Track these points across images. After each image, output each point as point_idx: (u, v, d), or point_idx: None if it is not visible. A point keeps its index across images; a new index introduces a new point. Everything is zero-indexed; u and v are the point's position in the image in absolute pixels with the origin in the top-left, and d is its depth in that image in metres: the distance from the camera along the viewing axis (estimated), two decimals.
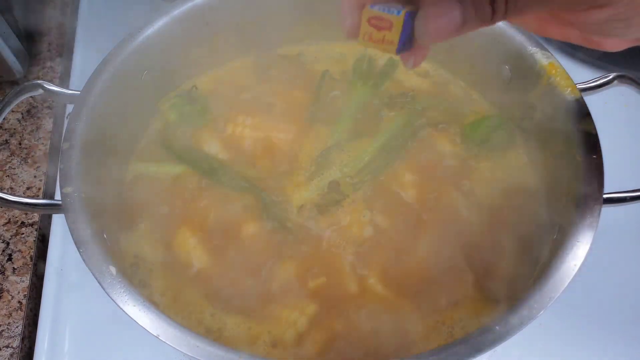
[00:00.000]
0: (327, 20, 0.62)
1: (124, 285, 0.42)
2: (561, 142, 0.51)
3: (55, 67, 0.78)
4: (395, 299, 0.49)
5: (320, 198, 0.54)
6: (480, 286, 0.49)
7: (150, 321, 0.40)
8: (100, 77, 0.53)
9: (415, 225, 0.52)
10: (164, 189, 0.55)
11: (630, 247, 0.61)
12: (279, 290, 0.49)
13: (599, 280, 0.58)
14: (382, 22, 0.31)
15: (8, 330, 0.57)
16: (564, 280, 0.41)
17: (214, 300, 0.49)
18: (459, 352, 0.38)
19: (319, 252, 0.51)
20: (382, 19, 0.31)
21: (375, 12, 0.31)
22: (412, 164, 0.56)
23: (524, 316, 0.39)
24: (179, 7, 0.57)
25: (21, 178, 0.67)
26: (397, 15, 0.31)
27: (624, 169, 0.63)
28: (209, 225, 0.52)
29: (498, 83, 0.58)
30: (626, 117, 0.71)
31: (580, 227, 0.43)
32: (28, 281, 0.60)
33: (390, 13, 0.31)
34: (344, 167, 0.55)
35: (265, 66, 0.64)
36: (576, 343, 0.56)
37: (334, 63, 0.64)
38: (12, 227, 0.63)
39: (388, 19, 0.31)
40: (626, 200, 0.46)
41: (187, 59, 0.61)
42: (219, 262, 0.51)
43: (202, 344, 0.39)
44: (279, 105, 0.60)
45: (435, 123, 0.59)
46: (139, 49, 0.55)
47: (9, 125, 0.71)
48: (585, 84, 0.52)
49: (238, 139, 0.58)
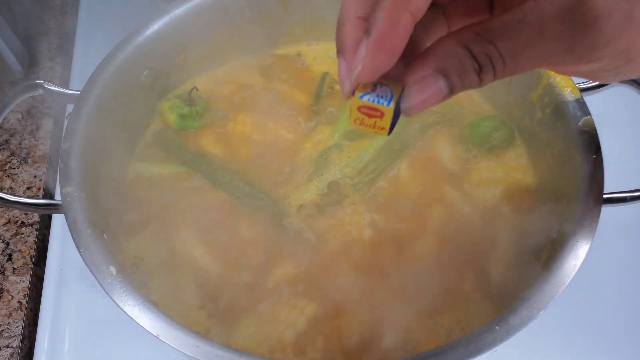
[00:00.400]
0: (327, 21, 0.63)
1: (124, 285, 0.42)
2: (561, 142, 0.51)
3: (55, 67, 0.78)
4: (395, 299, 0.49)
5: (320, 198, 0.54)
6: (479, 286, 0.49)
7: (150, 321, 0.40)
8: (100, 77, 0.53)
9: (415, 225, 0.52)
10: (164, 190, 0.55)
11: (630, 247, 0.61)
12: (279, 290, 0.49)
13: (599, 280, 0.58)
14: (372, 112, 0.31)
15: (8, 330, 0.57)
16: (564, 280, 0.41)
17: (214, 300, 0.49)
18: (458, 352, 0.38)
19: (319, 252, 0.51)
20: (373, 109, 0.31)
21: (365, 102, 0.31)
22: (412, 164, 0.56)
23: (524, 316, 0.39)
24: (179, 7, 0.57)
25: (21, 178, 0.67)
26: (388, 107, 0.31)
27: (624, 169, 0.63)
28: (209, 225, 0.52)
29: (498, 83, 0.58)
30: (626, 117, 0.71)
31: (580, 227, 0.43)
32: (28, 281, 0.60)
33: (381, 105, 0.31)
34: (344, 167, 0.55)
35: (265, 66, 0.64)
36: (576, 343, 0.56)
37: (333, 63, 0.64)
38: (12, 227, 0.63)
39: (379, 109, 0.31)
40: (626, 200, 0.46)
41: (186, 59, 0.61)
42: (219, 263, 0.51)
43: (202, 344, 0.39)
44: (278, 106, 0.60)
45: (435, 123, 0.59)
46: (139, 49, 0.55)
47: (9, 125, 0.71)
48: (585, 84, 0.52)
49: (237, 139, 0.58)
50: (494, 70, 0.29)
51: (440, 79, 0.29)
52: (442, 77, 0.29)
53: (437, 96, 0.30)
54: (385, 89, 0.31)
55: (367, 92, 0.31)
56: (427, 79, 0.29)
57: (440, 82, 0.29)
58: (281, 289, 0.49)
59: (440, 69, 0.29)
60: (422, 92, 0.30)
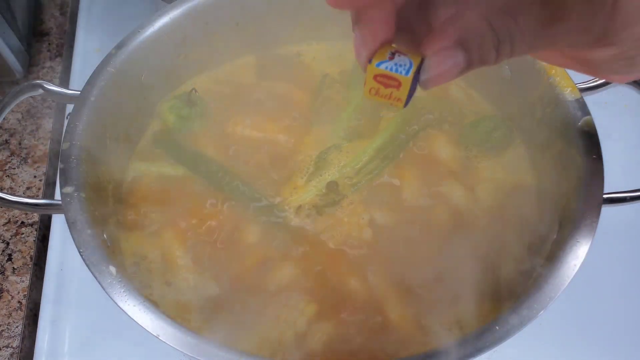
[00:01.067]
0: (327, 20, 0.63)
1: (124, 285, 0.42)
2: (561, 142, 0.51)
3: (55, 67, 0.78)
4: (394, 299, 0.49)
5: (318, 199, 0.54)
6: (479, 286, 0.49)
7: (150, 321, 0.40)
8: (100, 77, 0.52)
9: (415, 225, 0.52)
10: (164, 190, 0.55)
11: (630, 247, 0.61)
12: (278, 291, 0.49)
13: (599, 280, 0.58)
14: (389, 81, 0.30)
15: (8, 330, 0.57)
16: (564, 280, 0.41)
17: (214, 300, 0.49)
18: (458, 352, 0.38)
19: (318, 252, 0.51)
20: (390, 78, 0.30)
21: (382, 70, 0.30)
22: (411, 164, 0.56)
23: (524, 316, 0.39)
24: (179, 7, 0.57)
25: (21, 178, 0.67)
26: (407, 77, 0.29)
27: (624, 169, 0.63)
28: (208, 226, 0.52)
29: (498, 83, 0.58)
30: (626, 117, 0.71)
31: (580, 227, 0.43)
32: (28, 281, 0.60)
33: (399, 73, 0.30)
34: (343, 167, 0.55)
35: (265, 66, 0.64)
36: (576, 343, 0.56)
37: (333, 63, 0.64)
38: (12, 227, 0.63)
39: (397, 78, 0.30)
40: (626, 200, 0.46)
41: (186, 59, 0.61)
42: (218, 263, 0.51)
43: (202, 344, 0.39)
44: (277, 106, 0.60)
45: (435, 123, 0.59)
46: (139, 49, 0.55)
47: (9, 125, 0.71)
48: (585, 84, 0.52)
49: (237, 139, 0.58)
50: (511, 47, 0.29)
51: (459, 52, 0.29)
52: (462, 50, 0.29)
53: (454, 70, 0.29)
54: (403, 58, 0.30)
55: (385, 60, 0.30)
56: (447, 50, 0.29)
57: (459, 56, 0.29)
58: (281, 289, 0.49)
59: (461, 42, 0.29)
60: (441, 64, 0.29)
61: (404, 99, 0.30)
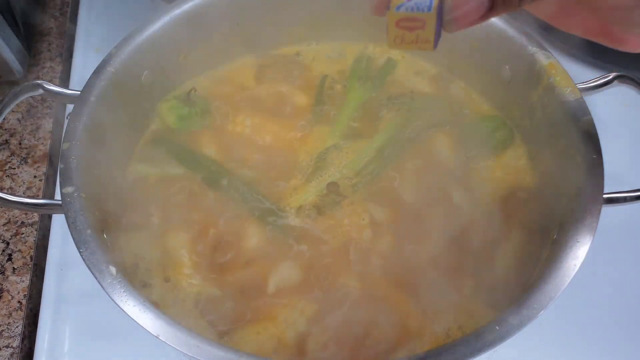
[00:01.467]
0: (327, 21, 0.63)
1: (124, 285, 0.42)
2: (561, 142, 0.51)
3: (55, 67, 0.78)
4: (394, 299, 0.49)
5: (319, 199, 0.54)
6: (479, 286, 0.49)
7: (150, 321, 0.40)
8: (100, 77, 0.52)
9: (415, 225, 0.52)
10: (164, 190, 0.55)
11: (630, 247, 0.61)
12: (278, 291, 0.49)
13: (599, 280, 0.58)
14: (413, 23, 0.28)
15: (8, 330, 0.57)
16: (564, 280, 0.41)
17: (214, 300, 0.49)
18: (458, 352, 0.38)
19: (318, 253, 0.51)
20: (413, 19, 0.28)
21: (403, 13, 0.28)
22: (411, 165, 0.56)
23: (524, 316, 0.39)
24: (179, 7, 0.57)
25: (21, 178, 0.67)
26: (429, 13, 0.28)
27: (624, 169, 0.63)
28: (208, 226, 0.52)
29: (498, 83, 0.58)
30: (626, 117, 0.71)
31: (580, 227, 0.43)
32: (28, 281, 0.60)
33: (421, 11, 0.28)
34: (343, 168, 0.55)
35: (265, 66, 0.64)
36: (576, 343, 0.55)
37: (332, 63, 0.64)
38: (12, 227, 0.63)
39: (419, 18, 0.28)
40: (626, 200, 0.46)
41: (186, 59, 0.61)
42: (218, 263, 0.51)
43: (202, 344, 0.39)
44: (277, 106, 0.60)
45: (435, 123, 0.59)
46: (139, 49, 0.55)
47: (9, 125, 0.71)
48: (585, 84, 0.52)
49: (236, 140, 0.58)
50: None
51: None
52: None
53: (478, 10, 0.28)
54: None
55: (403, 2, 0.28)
56: None
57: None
58: (281, 290, 0.49)
59: None
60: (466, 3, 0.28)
61: (432, 39, 0.29)
